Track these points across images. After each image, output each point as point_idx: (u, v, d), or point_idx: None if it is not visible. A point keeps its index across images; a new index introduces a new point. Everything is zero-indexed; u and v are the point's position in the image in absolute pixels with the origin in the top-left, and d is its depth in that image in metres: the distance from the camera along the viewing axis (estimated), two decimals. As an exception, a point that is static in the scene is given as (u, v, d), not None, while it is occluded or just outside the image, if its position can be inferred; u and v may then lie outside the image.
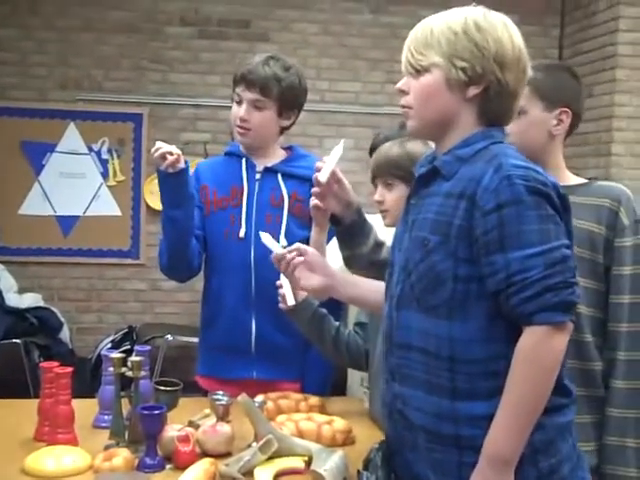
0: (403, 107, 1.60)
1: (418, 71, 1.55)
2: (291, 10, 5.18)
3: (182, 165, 2.26)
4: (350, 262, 1.90)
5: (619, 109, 4.64)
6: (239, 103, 2.40)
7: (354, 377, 2.57)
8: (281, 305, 2.12)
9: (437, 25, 1.55)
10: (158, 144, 2.26)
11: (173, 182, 2.27)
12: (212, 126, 5.02)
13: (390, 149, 2.06)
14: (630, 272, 1.87)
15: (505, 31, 1.53)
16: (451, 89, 1.53)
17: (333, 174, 1.80)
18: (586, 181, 2.00)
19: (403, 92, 1.59)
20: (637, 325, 1.86)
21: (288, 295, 2.03)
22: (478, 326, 1.46)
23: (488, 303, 1.45)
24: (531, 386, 1.41)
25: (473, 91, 1.52)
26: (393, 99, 5.12)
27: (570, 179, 1.99)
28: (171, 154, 2.23)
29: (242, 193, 2.41)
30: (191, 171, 2.37)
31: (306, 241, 2.36)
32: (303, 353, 2.45)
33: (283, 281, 2.03)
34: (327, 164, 1.81)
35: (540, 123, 1.95)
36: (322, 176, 1.79)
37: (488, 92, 1.52)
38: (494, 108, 1.54)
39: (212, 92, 5.05)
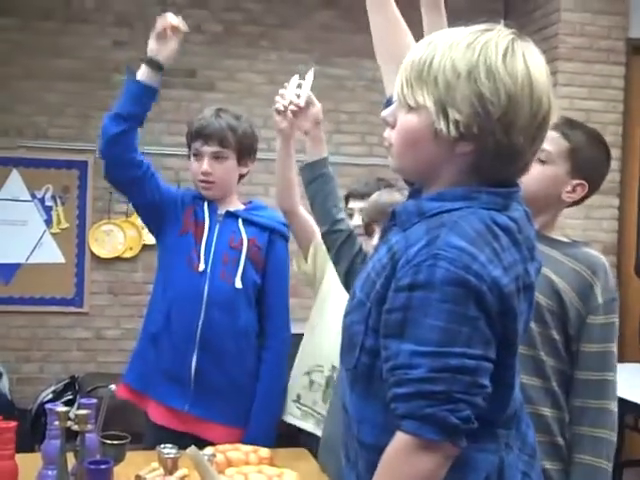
0: (385, 139, 1.39)
1: (408, 105, 1.26)
2: (237, 60, 5.23)
3: None
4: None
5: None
6: (198, 158, 2.45)
7: (291, 393, 2.47)
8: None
9: (440, 54, 1.22)
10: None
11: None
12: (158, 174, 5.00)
13: (382, 196, 2.08)
14: (595, 350, 1.85)
15: (527, 80, 1.20)
16: (437, 139, 1.24)
17: (308, 97, 2.14)
18: (569, 241, 1.96)
19: (388, 123, 1.33)
20: (603, 402, 1.84)
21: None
22: (375, 409, 1.26)
23: None
24: None
25: (463, 148, 1.23)
26: (340, 149, 5.20)
27: (553, 233, 1.94)
28: None
29: (203, 230, 2.43)
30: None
31: (258, 287, 2.42)
32: (245, 400, 2.45)
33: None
34: (304, 89, 2.15)
35: (557, 182, 1.86)
36: (302, 100, 2.14)
37: (482, 152, 1.23)
38: (489, 169, 1.26)
39: (158, 140, 5.04)
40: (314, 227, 2.40)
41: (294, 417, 2.46)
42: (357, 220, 2.37)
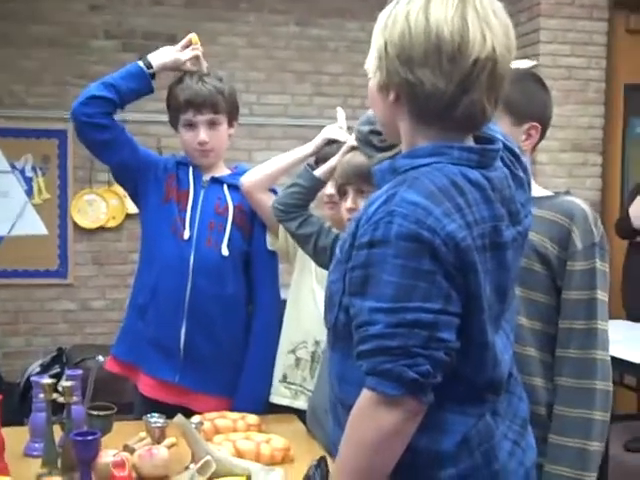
0: None
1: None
2: (217, 23, 5.16)
3: None
4: None
5: (542, 118, 4.74)
6: (191, 127, 2.40)
7: (277, 374, 2.42)
8: None
9: (380, 16, 1.32)
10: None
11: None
12: (140, 141, 4.78)
13: (355, 158, 2.03)
14: (574, 297, 1.79)
15: (421, 16, 1.22)
16: (379, 92, 1.31)
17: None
18: (552, 194, 1.91)
19: None
20: (587, 352, 1.76)
21: None
22: (354, 368, 1.24)
23: None
24: (349, 454, 1.23)
25: (391, 96, 1.29)
26: (322, 111, 5.15)
27: (535, 191, 1.83)
28: None
29: (187, 196, 2.40)
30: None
31: (245, 254, 2.38)
32: (235, 370, 2.43)
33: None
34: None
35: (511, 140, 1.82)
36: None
37: (404, 95, 1.27)
38: (424, 114, 1.27)
39: (139, 107, 4.91)
40: None
41: (283, 397, 2.41)
42: (330, 188, 2.27)
